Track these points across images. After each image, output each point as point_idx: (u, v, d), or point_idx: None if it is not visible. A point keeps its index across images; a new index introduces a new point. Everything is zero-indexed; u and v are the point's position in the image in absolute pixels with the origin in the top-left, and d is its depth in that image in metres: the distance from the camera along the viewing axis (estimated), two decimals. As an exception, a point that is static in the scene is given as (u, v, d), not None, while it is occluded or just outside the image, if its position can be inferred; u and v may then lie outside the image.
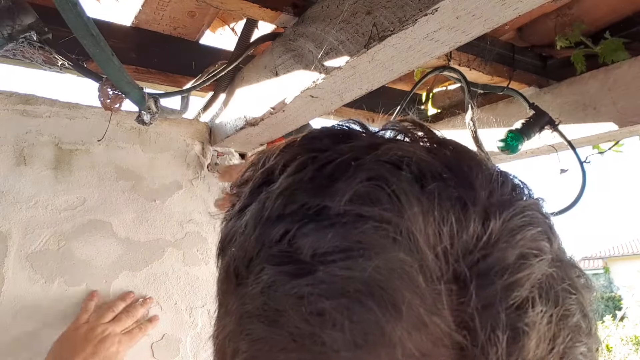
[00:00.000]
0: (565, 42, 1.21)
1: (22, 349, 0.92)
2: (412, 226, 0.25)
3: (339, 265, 0.25)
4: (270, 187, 0.30)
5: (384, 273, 0.24)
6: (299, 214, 0.27)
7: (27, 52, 0.86)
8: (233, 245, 0.30)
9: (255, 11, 0.85)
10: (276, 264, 0.27)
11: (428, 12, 0.63)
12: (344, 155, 0.29)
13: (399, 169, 0.27)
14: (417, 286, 0.24)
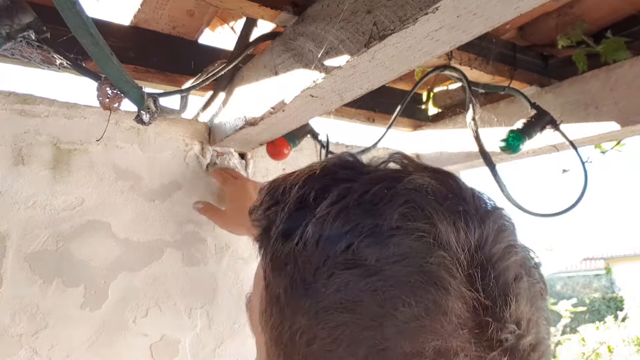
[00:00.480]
0: (567, 42, 1.20)
1: (20, 350, 0.92)
2: (444, 233, 0.36)
3: (402, 264, 0.35)
4: (316, 212, 0.39)
5: (434, 266, 0.35)
6: (357, 231, 0.37)
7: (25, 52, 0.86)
8: (293, 262, 0.39)
9: (254, 10, 0.85)
10: (346, 268, 0.36)
11: (429, 11, 0.62)
12: (376, 185, 0.39)
13: (425, 194, 0.38)
14: (455, 272, 0.35)
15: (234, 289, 1.20)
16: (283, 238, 0.40)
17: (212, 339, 1.13)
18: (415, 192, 0.38)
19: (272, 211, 0.43)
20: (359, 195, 0.39)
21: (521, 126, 1.17)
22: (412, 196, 0.38)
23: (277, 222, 0.42)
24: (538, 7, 0.65)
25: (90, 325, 0.99)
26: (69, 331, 0.97)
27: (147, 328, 1.05)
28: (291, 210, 0.41)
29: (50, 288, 0.97)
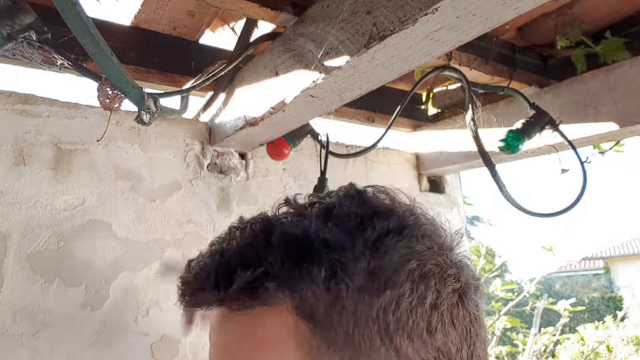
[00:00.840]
0: (566, 42, 1.20)
1: (21, 349, 0.92)
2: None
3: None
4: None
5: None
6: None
7: (26, 52, 0.86)
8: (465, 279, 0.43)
9: (255, 11, 0.85)
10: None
11: (428, 12, 0.62)
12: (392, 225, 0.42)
13: (417, 236, 0.41)
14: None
15: (234, 289, 1.20)
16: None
17: (212, 338, 1.14)
18: (413, 229, 0.44)
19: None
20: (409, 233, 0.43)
21: (520, 126, 1.18)
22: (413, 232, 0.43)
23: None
24: (537, 7, 0.66)
25: (91, 325, 0.99)
26: (69, 331, 0.97)
27: (148, 328, 1.06)
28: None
29: (51, 288, 0.97)
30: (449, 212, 1.69)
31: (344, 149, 1.48)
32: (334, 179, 1.41)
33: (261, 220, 0.42)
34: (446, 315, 0.38)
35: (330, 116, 1.33)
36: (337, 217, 0.40)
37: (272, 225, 0.41)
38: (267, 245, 0.39)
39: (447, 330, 0.38)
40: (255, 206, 1.28)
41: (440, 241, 0.42)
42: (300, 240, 0.38)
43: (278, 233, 0.39)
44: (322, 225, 0.39)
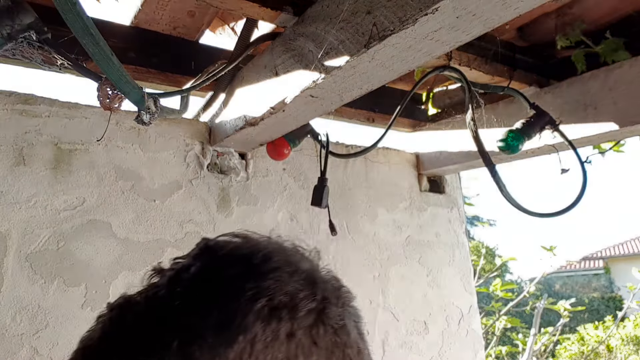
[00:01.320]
0: (566, 42, 1.20)
1: (21, 349, 0.92)
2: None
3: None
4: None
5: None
6: None
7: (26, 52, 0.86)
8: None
9: (255, 10, 0.85)
10: None
11: (428, 12, 0.62)
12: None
13: (264, 272, 0.41)
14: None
15: (234, 289, 1.20)
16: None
17: (212, 338, 1.14)
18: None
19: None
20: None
21: (520, 126, 1.17)
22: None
23: None
24: (537, 7, 0.66)
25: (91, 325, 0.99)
26: (69, 330, 0.97)
27: (148, 327, 1.06)
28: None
29: (51, 288, 0.97)
30: (449, 212, 1.69)
31: (344, 149, 1.48)
32: (334, 179, 1.41)
33: (118, 305, 0.42)
34: (304, 340, 0.39)
35: (330, 116, 1.33)
36: (185, 280, 0.41)
37: (128, 308, 0.42)
38: (122, 332, 0.40)
39: (308, 353, 0.39)
40: (255, 206, 1.28)
41: (291, 268, 0.43)
42: (153, 317, 0.40)
43: (132, 315, 0.40)
44: (170, 294, 0.41)
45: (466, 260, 1.69)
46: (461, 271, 1.65)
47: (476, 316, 1.67)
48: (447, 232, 1.66)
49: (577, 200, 1.12)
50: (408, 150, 1.68)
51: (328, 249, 1.38)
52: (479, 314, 1.73)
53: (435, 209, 1.66)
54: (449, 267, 1.62)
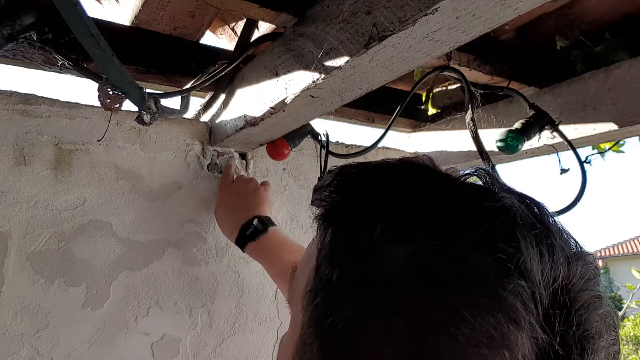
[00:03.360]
0: (565, 42, 1.21)
1: (22, 349, 0.92)
2: (529, 262, 0.33)
3: (475, 283, 0.32)
4: (390, 207, 0.37)
5: (510, 294, 0.31)
6: (431, 236, 0.34)
7: (27, 52, 0.86)
8: (353, 252, 0.37)
9: (255, 11, 0.85)
10: (411, 272, 0.33)
11: (428, 12, 0.62)
12: (461, 196, 0.38)
13: (513, 217, 0.35)
14: (532, 307, 0.32)
15: (235, 288, 1.20)
16: (349, 225, 0.38)
17: (212, 338, 1.14)
18: (503, 213, 0.35)
19: (339, 195, 0.40)
20: (441, 201, 0.37)
21: (520, 126, 1.18)
22: (499, 215, 0.35)
23: (343, 207, 0.39)
24: (537, 8, 0.66)
25: (92, 325, 1.00)
26: (70, 330, 0.97)
27: (148, 327, 1.06)
28: (363, 198, 0.39)
29: (52, 287, 0.97)
30: (448, 212, 1.69)
31: (344, 149, 1.48)
32: (334, 179, 1.41)
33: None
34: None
35: (330, 116, 1.33)
36: None
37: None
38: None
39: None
40: (256, 206, 1.28)
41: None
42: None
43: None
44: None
45: (466, 260, 1.69)
46: (461, 271, 1.65)
47: (476, 316, 1.67)
48: (447, 232, 1.66)
49: (576, 200, 1.13)
50: (408, 150, 1.69)
51: (328, 248, 1.38)
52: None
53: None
54: (449, 267, 1.62)
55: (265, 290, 1.24)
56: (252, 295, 1.22)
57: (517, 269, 0.32)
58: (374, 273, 0.34)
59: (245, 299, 1.21)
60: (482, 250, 0.33)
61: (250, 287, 1.22)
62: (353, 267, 0.35)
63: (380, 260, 0.34)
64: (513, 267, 0.32)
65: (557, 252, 0.35)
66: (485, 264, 0.32)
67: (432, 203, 0.37)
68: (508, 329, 0.30)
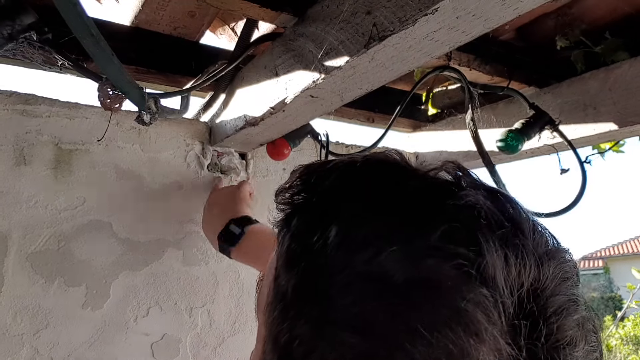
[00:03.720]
0: (566, 42, 1.21)
1: (22, 349, 0.92)
2: (491, 267, 0.30)
3: (432, 293, 0.29)
4: (346, 210, 0.34)
5: (470, 305, 0.29)
6: (387, 241, 0.31)
7: (27, 52, 0.86)
8: (307, 260, 0.33)
9: (255, 11, 0.85)
10: (366, 280, 0.30)
11: (428, 12, 0.62)
12: (422, 194, 0.34)
13: (477, 216, 0.32)
14: (496, 318, 0.29)
15: (235, 288, 1.20)
16: (304, 230, 0.35)
17: (212, 338, 1.14)
18: (465, 212, 0.32)
19: (299, 197, 0.38)
20: (400, 201, 0.34)
21: (520, 126, 1.18)
22: (460, 215, 0.32)
23: (301, 211, 0.37)
24: (537, 8, 0.66)
25: (92, 325, 1.00)
26: (70, 330, 0.97)
27: (148, 327, 1.06)
28: (319, 201, 0.36)
29: (52, 287, 0.97)
30: (448, 212, 1.69)
31: (344, 149, 1.48)
32: (334, 179, 1.41)
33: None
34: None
35: (330, 116, 1.33)
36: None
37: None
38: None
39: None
40: (255, 206, 1.28)
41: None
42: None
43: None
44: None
45: (466, 260, 1.69)
46: (461, 271, 1.65)
47: (476, 316, 1.67)
48: (447, 232, 1.66)
49: (576, 200, 1.13)
50: (408, 150, 1.69)
51: (328, 248, 1.38)
52: (479, 314, 1.73)
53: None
54: (449, 267, 1.63)
55: (265, 290, 1.24)
56: (252, 295, 1.22)
57: (479, 275, 0.29)
58: (328, 284, 0.31)
59: (246, 299, 1.21)
60: (440, 255, 0.30)
61: (251, 287, 1.22)
62: (307, 278, 0.33)
63: (334, 270, 0.31)
64: (474, 274, 0.29)
65: (526, 254, 0.32)
66: (444, 272, 0.30)
67: (390, 204, 0.34)
68: (468, 343, 0.28)
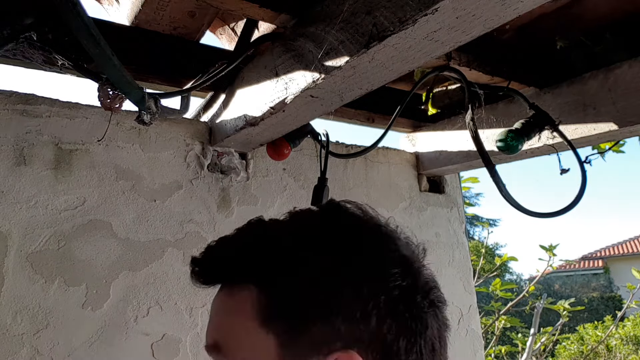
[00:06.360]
0: (565, 42, 1.21)
1: (22, 349, 0.92)
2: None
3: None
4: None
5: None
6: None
7: (27, 52, 0.86)
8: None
9: (255, 11, 0.85)
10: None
11: (428, 12, 0.63)
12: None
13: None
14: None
15: (235, 289, 1.20)
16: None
17: (212, 338, 1.14)
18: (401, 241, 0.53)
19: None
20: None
21: (520, 126, 1.18)
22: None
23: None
24: (537, 8, 0.66)
25: (92, 325, 1.00)
26: (70, 330, 0.97)
27: (148, 327, 1.06)
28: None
29: (52, 287, 0.97)
30: (448, 211, 1.70)
31: (344, 149, 1.48)
32: (334, 179, 1.41)
33: (255, 221, 0.52)
34: (383, 305, 0.45)
35: (330, 116, 1.33)
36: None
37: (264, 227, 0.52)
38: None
39: (383, 317, 0.45)
40: (256, 206, 1.28)
41: (393, 247, 0.49)
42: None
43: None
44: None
45: (466, 260, 1.69)
46: (461, 271, 1.65)
47: (476, 316, 1.67)
48: (447, 232, 1.66)
49: (576, 200, 1.13)
50: (408, 150, 1.69)
51: (328, 248, 1.38)
52: (479, 314, 1.73)
53: (435, 209, 1.66)
54: (449, 267, 1.63)
55: (265, 290, 1.24)
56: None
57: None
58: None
59: (245, 299, 1.20)
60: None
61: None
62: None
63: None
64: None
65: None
66: None
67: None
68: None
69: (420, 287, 0.49)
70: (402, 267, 0.48)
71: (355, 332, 0.44)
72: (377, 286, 0.46)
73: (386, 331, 0.45)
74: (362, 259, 0.47)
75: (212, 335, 0.51)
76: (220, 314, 0.51)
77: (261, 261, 0.49)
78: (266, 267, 0.48)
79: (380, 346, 0.45)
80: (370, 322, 0.44)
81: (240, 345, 0.48)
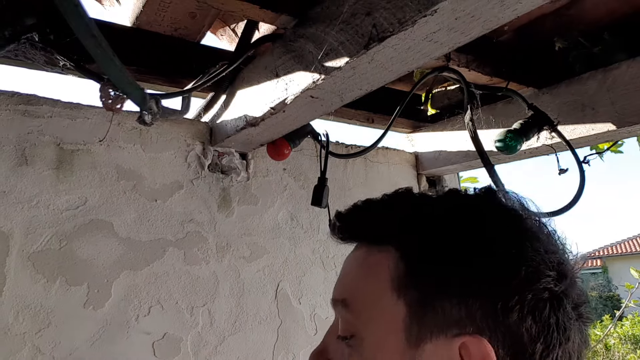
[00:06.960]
0: (564, 43, 1.21)
1: (24, 348, 0.92)
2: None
3: None
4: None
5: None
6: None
7: (29, 53, 0.87)
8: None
9: (255, 12, 0.86)
10: None
11: (427, 13, 0.63)
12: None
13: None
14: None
15: (235, 288, 1.21)
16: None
17: (213, 337, 1.15)
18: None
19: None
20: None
21: (518, 127, 1.18)
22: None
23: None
24: (535, 9, 0.67)
25: (93, 324, 1.00)
26: (72, 329, 0.98)
27: (150, 326, 1.07)
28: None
29: (54, 287, 0.98)
30: (448, 211, 1.70)
31: (344, 149, 1.49)
32: (334, 179, 1.42)
33: (405, 190, 0.53)
34: (526, 306, 0.43)
35: (330, 116, 1.33)
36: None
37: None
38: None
39: (523, 318, 0.43)
40: (256, 206, 1.28)
41: (551, 251, 0.47)
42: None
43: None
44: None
45: (465, 260, 1.69)
46: (460, 270, 1.66)
47: (475, 315, 1.67)
48: (446, 232, 1.67)
49: (574, 200, 1.13)
50: (407, 150, 1.69)
51: (328, 249, 1.39)
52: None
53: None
54: (448, 266, 1.63)
55: (265, 289, 1.25)
56: (252, 295, 1.22)
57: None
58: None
59: (246, 298, 1.21)
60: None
61: (251, 286, 1.23)
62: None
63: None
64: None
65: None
66: None
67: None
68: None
69: (572, 298, 0.46)
70: (558, 273, 0.45)
71: (491, 322, 0.42)
72: (527, 283, 0.43)
73: (525, 330, 0.43)
74: (516, 252, 0.44)
75: (341, 292, 0.51)
76: (354, 272, 0.51)
77: (409, 226, 0.47)
78: (412, 233, 0.47)
79: (515, 344, 0.42)
80: (510, 316, 0.42)
81: (368, 305, 0.47)
